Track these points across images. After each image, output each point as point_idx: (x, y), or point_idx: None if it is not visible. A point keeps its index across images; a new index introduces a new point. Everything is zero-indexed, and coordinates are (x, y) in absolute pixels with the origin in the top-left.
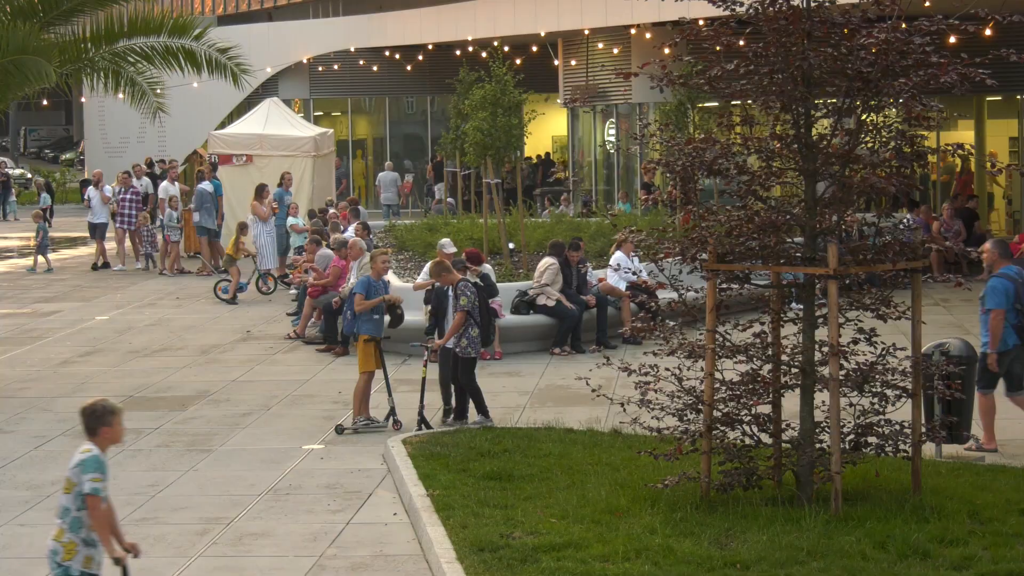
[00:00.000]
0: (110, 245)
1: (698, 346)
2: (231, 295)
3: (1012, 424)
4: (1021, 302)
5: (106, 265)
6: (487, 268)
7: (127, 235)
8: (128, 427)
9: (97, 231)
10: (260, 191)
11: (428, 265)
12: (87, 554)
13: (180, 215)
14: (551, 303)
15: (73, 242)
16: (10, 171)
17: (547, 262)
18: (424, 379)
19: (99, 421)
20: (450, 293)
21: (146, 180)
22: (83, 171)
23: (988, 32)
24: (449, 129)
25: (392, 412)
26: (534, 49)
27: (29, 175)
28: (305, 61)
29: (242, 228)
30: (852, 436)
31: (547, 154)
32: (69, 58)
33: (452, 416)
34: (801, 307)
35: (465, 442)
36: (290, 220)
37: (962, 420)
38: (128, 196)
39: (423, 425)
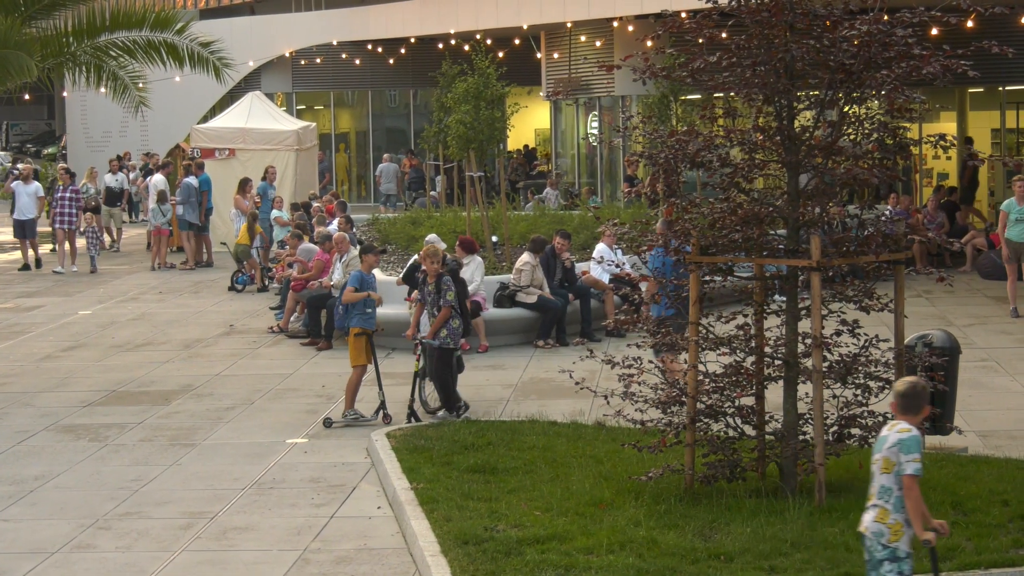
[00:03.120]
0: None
1: (681, 338)
2: (260, 284)
3: (996, 415)
4: None
5: (38, 263)
6: (477, 260)
7: (66, 235)
8: (111, 422)
9: (27, 229)
10: (244, 185)
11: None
12: (910, 534)
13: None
14: (531, 300)
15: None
16: None
17: (524, 260)
18: (416, 372)
19: (923, 400)
20: (428, 287)
21: (120, 176)
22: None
23: (970, 24)
24: (432, 122)
25: (382, 406)
26: (516, 42)
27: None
28: (287, 55)
29: (254, 218)
30: (835, 428)
31: (526, 147)
32: (51, 52)
33: (440, 409)
34: (784, 299)
35: (449, 435)
36: (274, 213)
37: (945, 412)
38: (67, 195)
39: (413, 418)
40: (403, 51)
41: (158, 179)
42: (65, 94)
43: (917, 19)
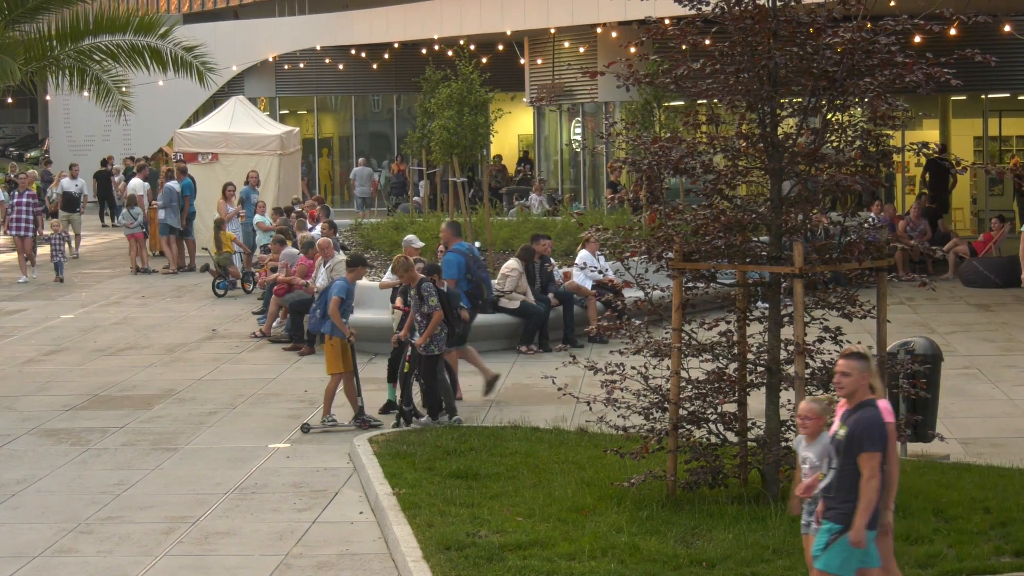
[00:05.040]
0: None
1: (664, 345)
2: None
3: (977, 423)
4: (472, 272)
5: None
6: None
7: (23, 243)
8: (93, 426)
9: None
10: (226, 190)
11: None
12: None
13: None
14: (514, 306)
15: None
16: None
17: (510, 266)
18: (406, 374)
19: None
20: (411, 292)
21: (80, 181)
22: (49, 169)
23: (953, 32)
24: (415, 127)
25: (361, 412)
26: (500, 48)
27: None
28: (271, 59)
29: (220, 224)
30: None
31: (526, 152)
32: (34, 56)
33: (425, 415)
34: (767, 306)
35: (431, 441)
36: (257, 218)
37: (927, 419)
38: (24, 200)
39: (403, 420)
40: (387, 56)
41: (135, 183)
42: (48, 98)
43: (900, 27)
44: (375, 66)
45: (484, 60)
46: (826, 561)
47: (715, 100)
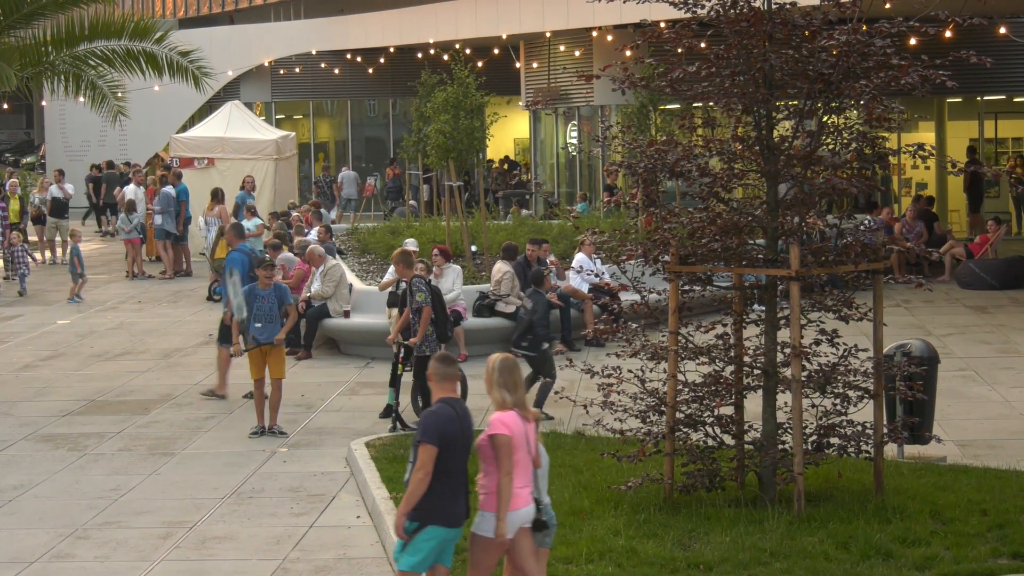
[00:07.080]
0: None
1: (661, 348)
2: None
3: (974, 424)
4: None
5: None
6: (455, 268)
7: None
8: (90, 431)
9: None
10: (222, 195)
11: (394, 254)
12: None
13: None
14: (510, 310)
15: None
16: None
17: (501, 269)
18: (399, 377)
19: None
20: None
21: (68, 186)
22: (44, 175)
23: (948, 34)
24: (411, 132)
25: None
26: (496, 51)
27: None
28: (267, 64)
29: (222, 232)
30: (814, 437)
31: (506, 157)
32: (30, 62)
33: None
34: (763, 308)
35: None
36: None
37: (924, 421)
38: None
39: (399, 424)
40: (382, 60)
41: (130, 189)
42: (44, 103)
43: (896, 29)
44: (371, 70)
45: (480, 64)
46: (406, 561)
47: (711, 103)
